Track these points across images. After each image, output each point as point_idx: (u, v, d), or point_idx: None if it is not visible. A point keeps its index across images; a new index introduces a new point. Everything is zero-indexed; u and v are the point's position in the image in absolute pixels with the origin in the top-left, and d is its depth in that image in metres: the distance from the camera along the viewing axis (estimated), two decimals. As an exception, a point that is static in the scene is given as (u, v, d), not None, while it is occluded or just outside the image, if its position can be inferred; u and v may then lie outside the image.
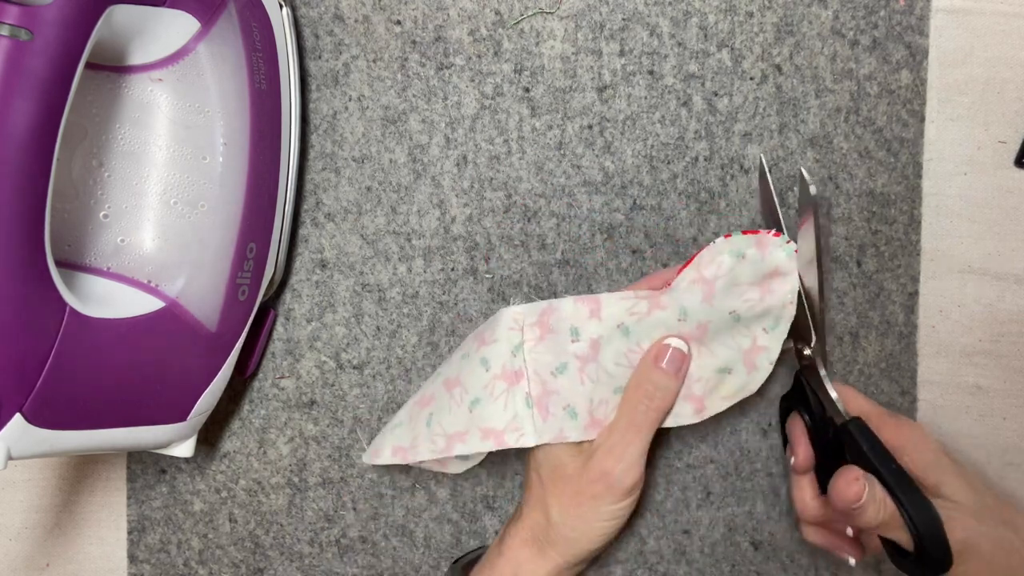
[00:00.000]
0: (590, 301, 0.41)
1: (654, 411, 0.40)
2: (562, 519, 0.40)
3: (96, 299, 0.37)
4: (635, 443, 0.40)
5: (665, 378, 0.40)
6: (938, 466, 0.38)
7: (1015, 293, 0.47)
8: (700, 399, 0.41)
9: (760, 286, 0.40)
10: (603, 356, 0.41)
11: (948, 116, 0.47)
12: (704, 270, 0.40)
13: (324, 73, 0.47)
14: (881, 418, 0.41)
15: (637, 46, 0.47)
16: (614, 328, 0.41)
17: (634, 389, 0.41)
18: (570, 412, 0.40)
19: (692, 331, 0.41)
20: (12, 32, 0.30)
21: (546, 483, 0.41)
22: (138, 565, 0.49)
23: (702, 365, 0.41)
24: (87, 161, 0.40)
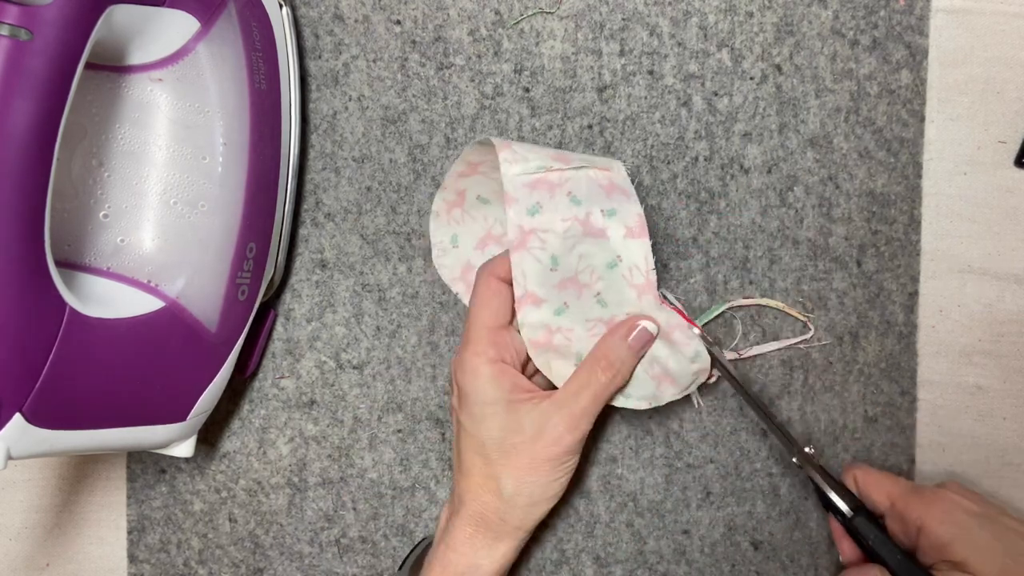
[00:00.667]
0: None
1: (614, 385, 0.40)
2: (517, 490, 0.40)
3: (96, 299, 0.37)
4: (590, 413, 0.40)
5: (629, 354, 0.40)
6: (964, 540, 0.37)
7: (1015, 293, 0.47)
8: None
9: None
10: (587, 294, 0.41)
11: (948, 116, 0.47)
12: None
13: (324, 73, 0.47)
14: (905, 497, 0.40)
15: (637, 46, 0.47)
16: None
17: (597, 359, 0.40)
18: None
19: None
20: (12, 32, 0.30)
21: (495, 460, 0.40)
22: (138, 565, 0.49)
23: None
24: (87, 161, 0.40)
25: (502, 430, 0.40)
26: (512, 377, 0.40)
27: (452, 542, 0.41)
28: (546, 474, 0.40)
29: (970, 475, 0.47)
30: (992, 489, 0.47)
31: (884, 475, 0.42)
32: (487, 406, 0.40)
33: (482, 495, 0.41)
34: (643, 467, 0.47)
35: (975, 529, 0.38)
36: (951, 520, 0.38)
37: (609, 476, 0.48)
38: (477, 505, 0.41)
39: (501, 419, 0.40)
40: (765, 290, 0.47)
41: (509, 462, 0.40)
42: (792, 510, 0.47)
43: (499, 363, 0.40)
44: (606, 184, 0.40)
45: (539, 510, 0.41)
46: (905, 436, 0.47)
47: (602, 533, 0.48)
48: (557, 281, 0.41)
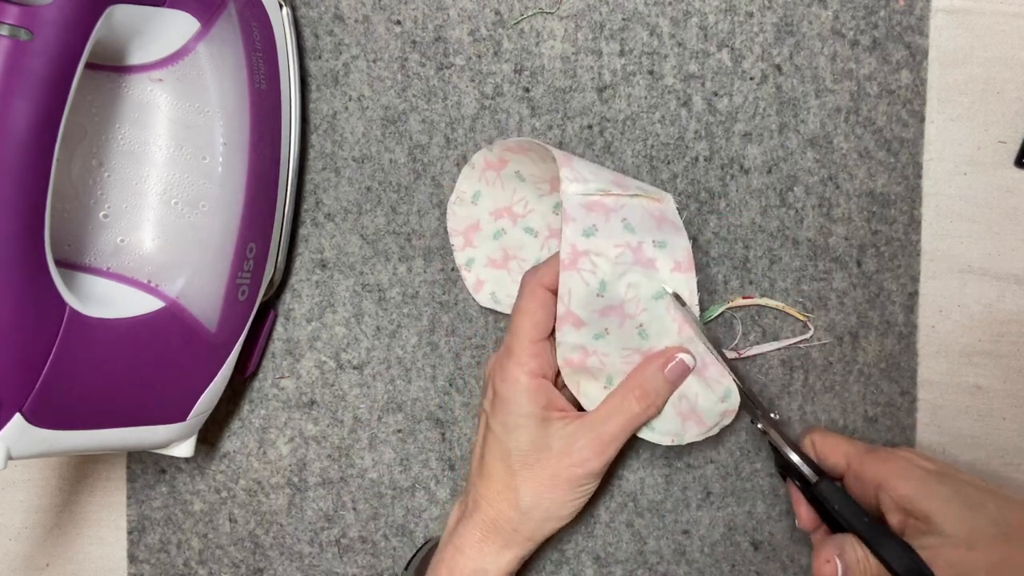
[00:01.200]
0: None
1: (647, 415, 0.41)
2: (534, 504, 0.40)
3: (96, 299, 0.37)
4: (618, 442, 0.40)
5: (664, 385, 0.41)
6: (926, 494, 0.37)
7: (1015, 293, 0.47)
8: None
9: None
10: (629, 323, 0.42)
11: (948, 116, 0.47)
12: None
13: (324, 73, 0.47)
14: (861, 456, 0.40)
15: (637, 46, 0.47)
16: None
17: (633, 388, 0.41)
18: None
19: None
20: (12, 32, 0.30)
21: (517, 471, 0.40)
22: (138, 565, 0.49)
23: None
24: (87, 161, 0.40)
25: (530, 443, 0.40)
26: (548, 393, 0.40)
27: (461, 545, 0.41)
28: (565, 493, 0.40)
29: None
30: (992, 489, 0.47)
31: (840, 436, 0.42)
32: (521, 417, 0.40)
33: (498, 503, 0.41)
34: (643, 467, 0.47)
35: (934, 484, 0.38)
36: (909, 475, 0.38)
37: (609, 476, 0.48)
38: (492, 512, 0.41)
39: (532, 432, 0.40)
40: (765, 290, 0.47)
41: (531, 475, 0.40)
42: (792, 510, 0.47)
43: (539, 378, 0.40)
44: (657, 215, 0.41)
45: (551, 526, 0.42)
46: (905, 436, 0.47)
47: (602, 533, 0.48)
48: (601, 307, 0.41)
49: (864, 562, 0.37)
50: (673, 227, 0.41)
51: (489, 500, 0.41)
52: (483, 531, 0.41)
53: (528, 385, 0.40)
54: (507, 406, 0.40)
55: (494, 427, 0.41)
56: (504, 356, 0.41)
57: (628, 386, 0.41)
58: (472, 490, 0.42)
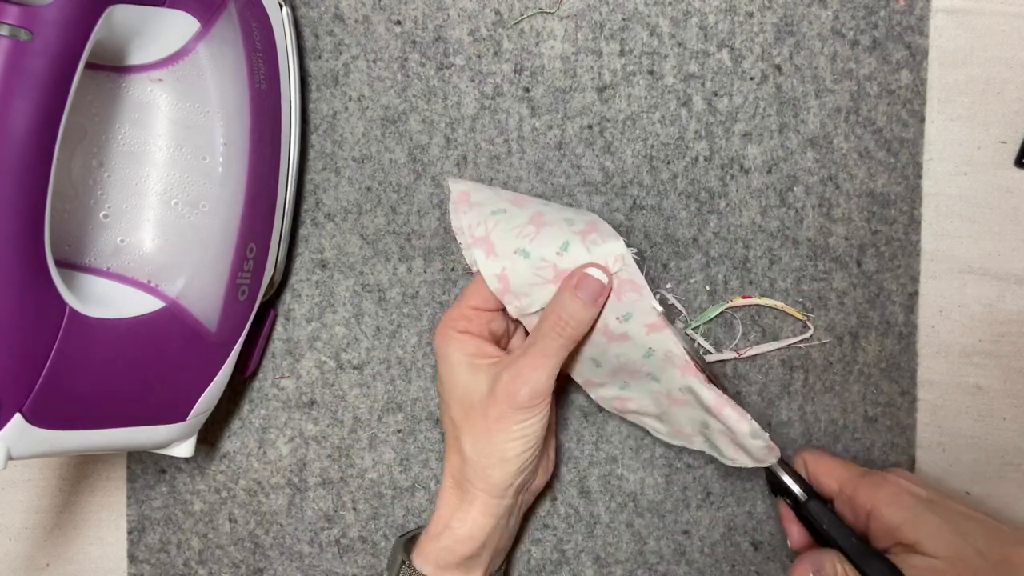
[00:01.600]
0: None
1: (565, 339, 0.40)
2: (475, 451, 0.40)
3: (96, 299, 0.37)
4: (542, 368, 0.39)
5: (581, 308, 0.39)
6: (915, 523, 0.37)
7: (1015, 293, 0.47)
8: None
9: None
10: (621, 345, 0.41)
11: (948, 116, 0.47)
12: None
13: (324, 73, 0.47)
14: (853, 481, 0.40)
15: (637, 46, 0.47)
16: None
17: (548, 316, 0.40)
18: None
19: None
20: (12, 32, 0.30)
21: (458, 422, 0.41)
22: (138, 565, 0.49)
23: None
24: (87, 161, 0.40)
25: (463, 389, 0.41)
26: (478, 344, 0.41)
27: (437, 505, 0.42)
28: (500, 432, 0.40)
29: (970, 475, 0.47)
30: (992, 489, 0.47)
31: (834, 460, 0.42)
32: (451, 367, 0.41)
33: (451, 456, 0.42)
34: (643, 467, 0.47)
35: (924, 512, 0.38)
36: (900, 503, 0.38)
37: (609, 476, 0.48)
38: (449, 466, 0.42)
39: (462, 378, 0.41)
40: (765, 290, 0.47)
41: (470, 424, 0.40)
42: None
43: (467, 333, 0.41)
44: (616, 287, 0.40)
45: (500, 472, 0.40)
46: (905, 436, 0.47)
47: (602, 533, 0.48)
48: (608, 372, 0.43)
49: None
50: (635, 290, 0.40)
51: (447, 456, 0.42)
52: (448, 489, 0.42)
53: (457, 338, 0.41)
54: (442, 361, 0.41)
55: (439, 388, 0.42)
56: (443, 318, 0.42)
57: (545, 314, 0.40)
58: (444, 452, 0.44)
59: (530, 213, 0.41)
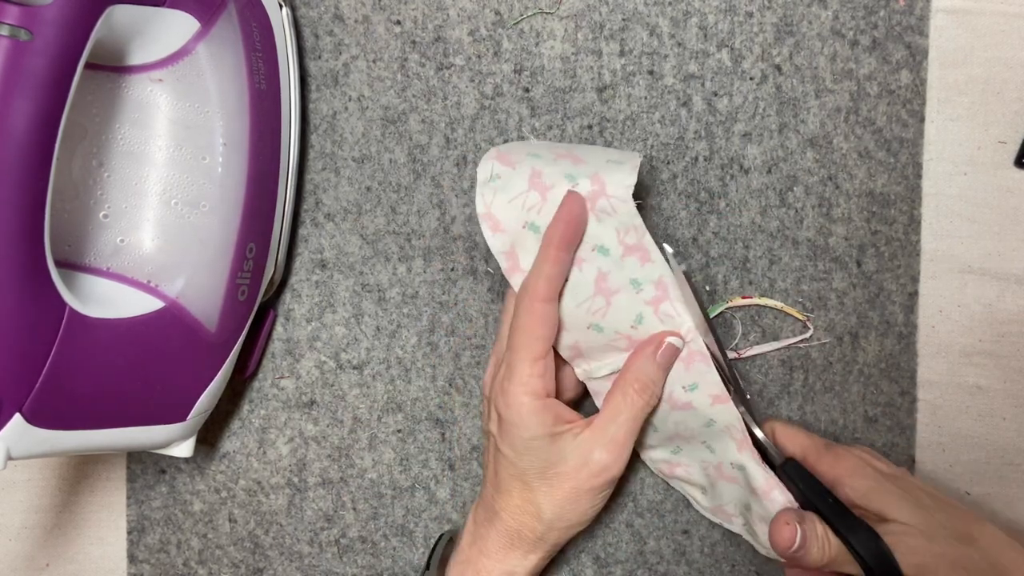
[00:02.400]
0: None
1: (649, 407, 0.40)
2: (557, 516, 0.40)
3: (96, 299, 0.37)
4: (631, 437, 0.40)
5: (659, 373, 0.40)
6: (879, 492, 0.38)
7: (1015, 293, 0.47)
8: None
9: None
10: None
11: (948, 116, 0.47)
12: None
13: (324, 73, 0.47)
14: (818, 451, 0.41)
15: (637, 46, 0.47)
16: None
17: (630, 382, 0.40)
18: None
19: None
20: (12, 32, 0.30)
21: (536, 488, 0.40)
22: (138, 565, 0.49)
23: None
24: (87, 161, 0.40)
25: (544, 462, 0.39)
26: (555, 410, 0.40)
27: (486, 549, 0.41)
28: (587, 502, 0.40)
29: (970, 475, 0.47)
30: (992, 489, 0.47)
31: (799, 430, 0.43)
32: (530, 440, 0.39)
33: (520, 516, 0.41)
34: (643, 467, 0.47)
35: (886, 483, 0.39)
36: (863, 474, 0.39)
37: (609, 476, 0.48)
38: (514, 523, 0.41)
39: (544, 452, 0.39)
40: (765, 290, 0.47)
41: (551, 490, 0.40)
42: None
43: (543, 398, 0.39)
44: (686, 355, 0.40)
45: (576, 531, 0.42)
46: (905, 436, 0.47)
47: (602, 533, 0.48)
48: (665, 436, 0.43)
49: (824, 539, 0.37)
50: (703, 361, 0.40)
51: (510, 512, 0.41)
52: (508, 538, 0.41)
53: (533, 407, 0.39)
54: (514, 430, 0.39)
55: (503, 449, 0.40)
56: (505, 379, 0.39)
57: (626, 381, 0.40)
58: (490, 500, 0.42)
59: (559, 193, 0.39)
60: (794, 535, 0.37)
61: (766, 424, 0.43)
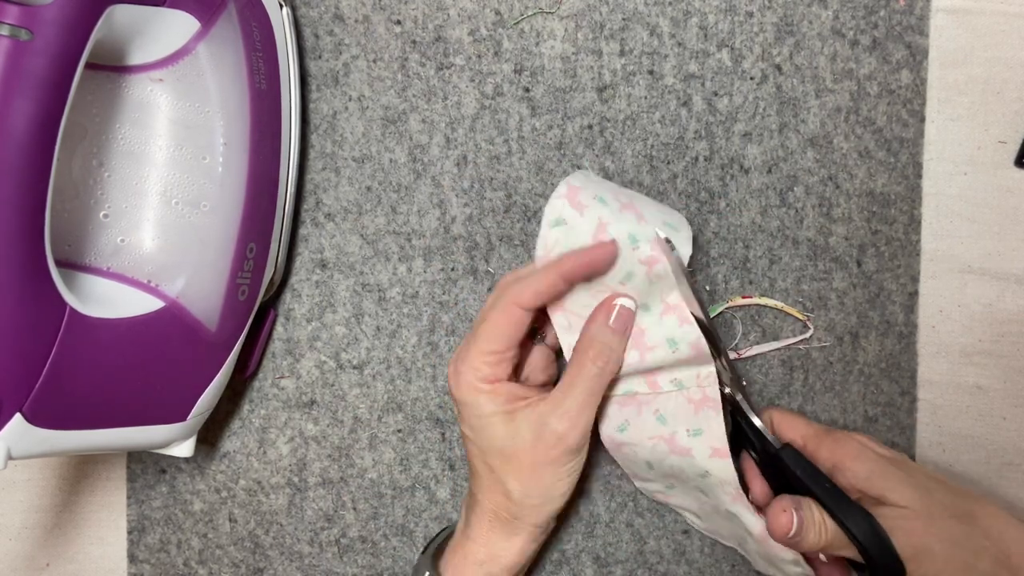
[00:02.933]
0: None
1: (607, 373, 0.40)
2: (524, 492, 0.40)
3: (96, 299, 0.37)
4: (588, 406, 0.39)
5: (614, 338, 0.40)
6: (881, 475, 0.39)
7: (1015, 293, 0.47)
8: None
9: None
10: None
11: (948, 116, 0.47)
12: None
13: (324, 73, 0.47)
14: (818, 437, 0.41)
15: (637, 46, 0.47)
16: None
17: (584, 350, 0.40)
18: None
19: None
20: (12, 32, 0.30)
21: (498, 468, 0.40)
22: (138, 565, 0.49)
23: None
24: (87, 161, 0.40)
25: (502, 439, 0.39)
26: (507, 389, 0.40)
27: (471, 533, 0.42)
28: (550, 475, 0.40)
29: (970, 475, 0.47)
30: (992, 489, 0.47)
31: (798, 416, 0.43)
32: (484, 418, 0.39)
33: (492, 496, 0.41)
34: (643, 467, 0.47)
35: (888, 467, 0.39)
36: (864, 457, 0.39)
37: (609, 476, 0.48)
38: (490, 504, 0.41)
39: (500, 428, 0.39)
40: (765, 290, 0.47)
41: (512, 468, 0.40)
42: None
43: (494, 381, 0.40)
44: (699, 399, 0.40)
45: (549, 508, 0.41)
46: (905, 436, 0.47)
47: (602, 533, 0.48)
48: (660, 474, 0.43)
49: (821, 524, 0.38)
50: (713, 409, 0.40)
51: (484, 495, 0.41)
52: (488, 521, 0.41)
53: (483, 388, 0.39)
54: (468, 410, 0.40)
55: (465, 431, 0.41)
56: (459, 362, 0.40)
57: (580, 350, 0.40)
58: (472, 486, 0.43)
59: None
60: (791, 522, 0.37)
61: (764, 412, 0.44)
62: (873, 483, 0.38)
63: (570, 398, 0.39)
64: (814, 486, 0.39)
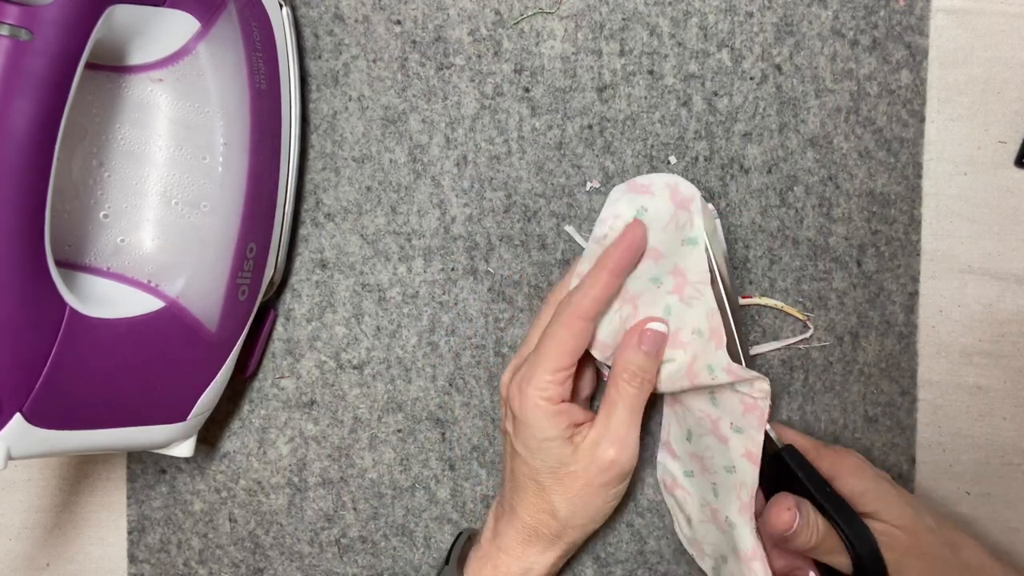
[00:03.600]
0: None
1: (644, 393, 0.41)
2: (572, 513, 0.41)
3: (96, 299, 0.37)
4: (634, 428, 0.41)
5: (647, 360, 0.41)
6: (876, 492, 0.39)
7: (1015, 293, 0.47)
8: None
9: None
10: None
11: (948, 116, 0.47)
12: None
13: (324, 73, 0.47)
14: (818, 450, 0.42)
15: (637, 46, 0.47)
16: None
17: (621, 373, 0.41)
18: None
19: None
20: (12, 32, 0.30)
21: (547, 486, 0.41)
22: (138, 565, 0.49)
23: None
24: (87, 161, 0.40)
25: (557, 462, 0.40)
26: (570, 413, 0.40)
27: (504, 545, 0.42)
28: (600, 498, 0.41)
29: (970, 475, 0.47)
30: (992, 489, 0.47)
31: (796, 432, 0.44)
32: (544, 441, 0.40)
33: (536, 513, 0.41)
34: (643, 467, 0.47)
35: (884, 484, 0.40)
36: (862, 474, 0.40)
37: (609, 476, 0.48)
38: (532, 520, 0.41)
39: (557, 453, 0.40)
40: (765, 290, 0.47)
41: (564, 489, 0.40)
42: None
43: (559, 403, 0.40)
44: (750, 404, 0.41)
45: (591, 528, 0.43)
46: (905, 436, 0.47)
47: (602, 533, 0.48)
48: (690, 451, 0.44)
49: (815, 526, 0.38)
50: (758, 419, 0.41)
51: (527, 510, 0.41)
52: (525, 535, 0.42)
53: (549, 410, 0.40)
54: (529, 431, 0.40)
55: (518, 448, 0.41)
56: (524, 381, 0.40)
57: (616, 373, 0.41)
58: (508, 497, 0.43)
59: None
60: (793, 519, 0.38)
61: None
62: (868, 499, 0.39)
63: (615, 422, 0.40)
64: (815, 489, 0.39)
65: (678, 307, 0.41)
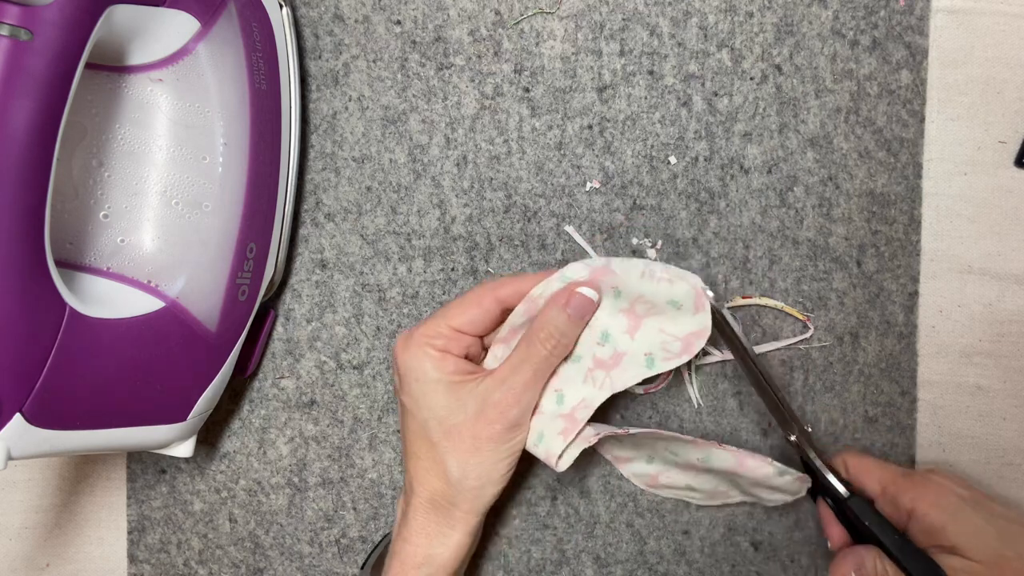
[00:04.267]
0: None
1: (555, 355, 0.39)
2: (463, 472, 0.39)
3: (96, 299, 0.37)
4: (532, 386, 0.39)
5: (569, 324, 0.39)
6: (955, 525, 0.38)
7: (1015, 293, 0.47)
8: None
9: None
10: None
11: (948, 116, 0.47)
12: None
13: (324, 73, 0.47)
14: (896, 483, 0.40)
15: (637, 46, 0.47)
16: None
17: (537, 331, 0.39)
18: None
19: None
20: (12, 32, 0.30)
21: (439, 443, 0.39)
22: (138, 565, 0.49)
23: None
24: (87, 161, 0.40)
25: (444, 409, 0.39)
26: (455, 362, 0.39)
27: (407, 534, 0.40)
28: (491, 453, 0.39)
29: (970, 475, 0.47)
30: (992, 489, 0.47)
31: (874, 461, 0.42)
32: (427, 384, 0.39)
33: (429, 480, 0.40)
34: (643, 467, 0.47)
35: (967, 512, 0.38)
36: (943, 504, 0.38)
37: (609, 476, 0.48)
38: (426, 491, 0.40)
39: (442, 398, 0.39)
40: (765, 290, 0.47)
41: (452, 443, 0.39)
42: (792, 510, 0.47)
43: (445, 352, 0.39)
44: (737, 457, 0.42)
45: (487, 493, 0.40)
46: (905, 436, 0.47)
47: (602, 533, 0.48)
48: (631, 444, 0.45)
49: (884, 574, 0.38)
50: (756, 460, 0.42)
51: (420, 479, 0.40)
52: (423, 514, 0.40)
53: (433, 355, 0.39)
54: (412, 374, 0.39)
55: (406, 403, 0.40)
56: (412, 330, 0.40)
57: (533, 331, 0.39)
58: (406, 474, 0.41)
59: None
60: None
61: (837, 457, 0.43)
62: (948, 534, 0.38)
63: (516, 375, 0.39)
64: (883, 536, 0.39)
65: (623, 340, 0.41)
